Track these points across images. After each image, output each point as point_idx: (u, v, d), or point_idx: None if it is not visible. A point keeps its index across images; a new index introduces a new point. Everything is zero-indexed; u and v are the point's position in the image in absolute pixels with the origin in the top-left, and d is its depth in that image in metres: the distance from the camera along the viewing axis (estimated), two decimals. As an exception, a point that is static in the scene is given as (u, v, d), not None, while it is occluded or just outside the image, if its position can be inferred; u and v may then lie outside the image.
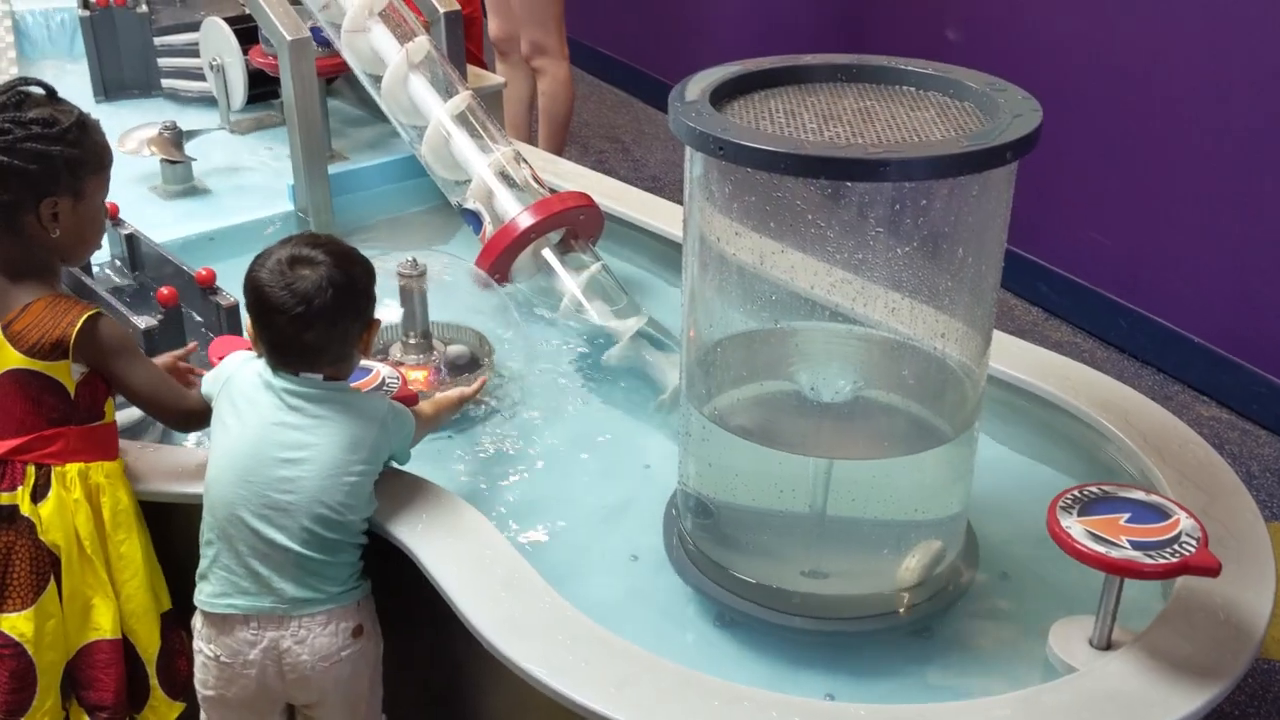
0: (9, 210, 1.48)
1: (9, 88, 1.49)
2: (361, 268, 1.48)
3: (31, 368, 1.47)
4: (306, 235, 1.49)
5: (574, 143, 4.51)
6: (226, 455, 1.46)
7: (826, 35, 4.24)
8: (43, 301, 1.49)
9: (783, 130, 1.32)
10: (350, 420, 1.46)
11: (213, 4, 3.19)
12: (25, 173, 1.45)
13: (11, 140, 1.44)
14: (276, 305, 1.41)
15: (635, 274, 2.35)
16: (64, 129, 1.47)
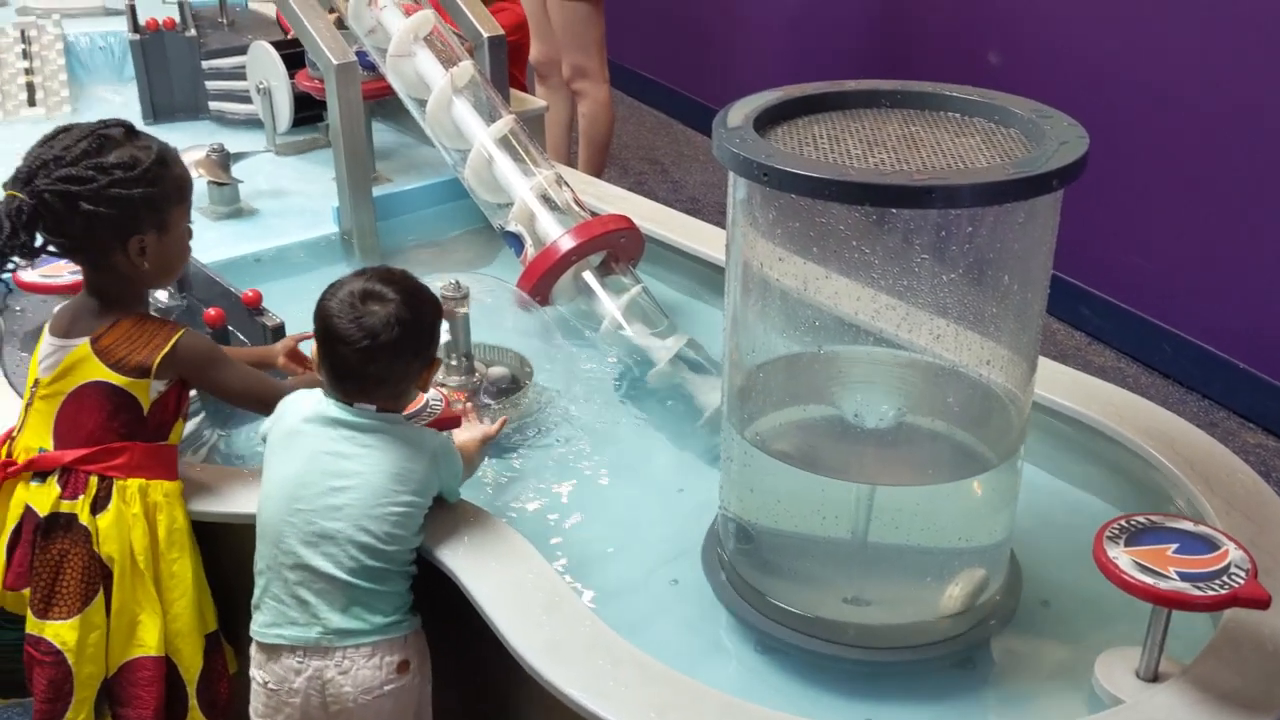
0: (98, 251, 1.54)
1: (90, 132, 1.52)
2: (430, 306, 1.52)
3: (114, 382, 1.52)
4: (381, 270, 1.52)
5: (613, 164, 4.54)
6: (277, 484, 1.49)
7: (866, 59, 4.24)
8: (130, 320, 1.55)
9: (827, 156, 1.33)
10: (399, 451, 1.47)
11: (260, 28, 3.25)
12: (112, 217, 1.50)
13: (96, 188, 1.48)
14: (343, 336, 1.45)
15: (675, 296, 2.36)
16: (145, 169, 1.51)
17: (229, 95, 3.13)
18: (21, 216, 1.47)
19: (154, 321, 1.58)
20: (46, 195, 1.47)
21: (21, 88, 3.25)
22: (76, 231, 1.51)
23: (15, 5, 3.72)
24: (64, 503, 1.53)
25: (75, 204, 1.48)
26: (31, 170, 1.49)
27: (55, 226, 1.50)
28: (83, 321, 1.56)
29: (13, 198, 1.48)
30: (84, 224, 1.49)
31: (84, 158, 1.49)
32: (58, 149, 1.50)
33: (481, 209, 2.43)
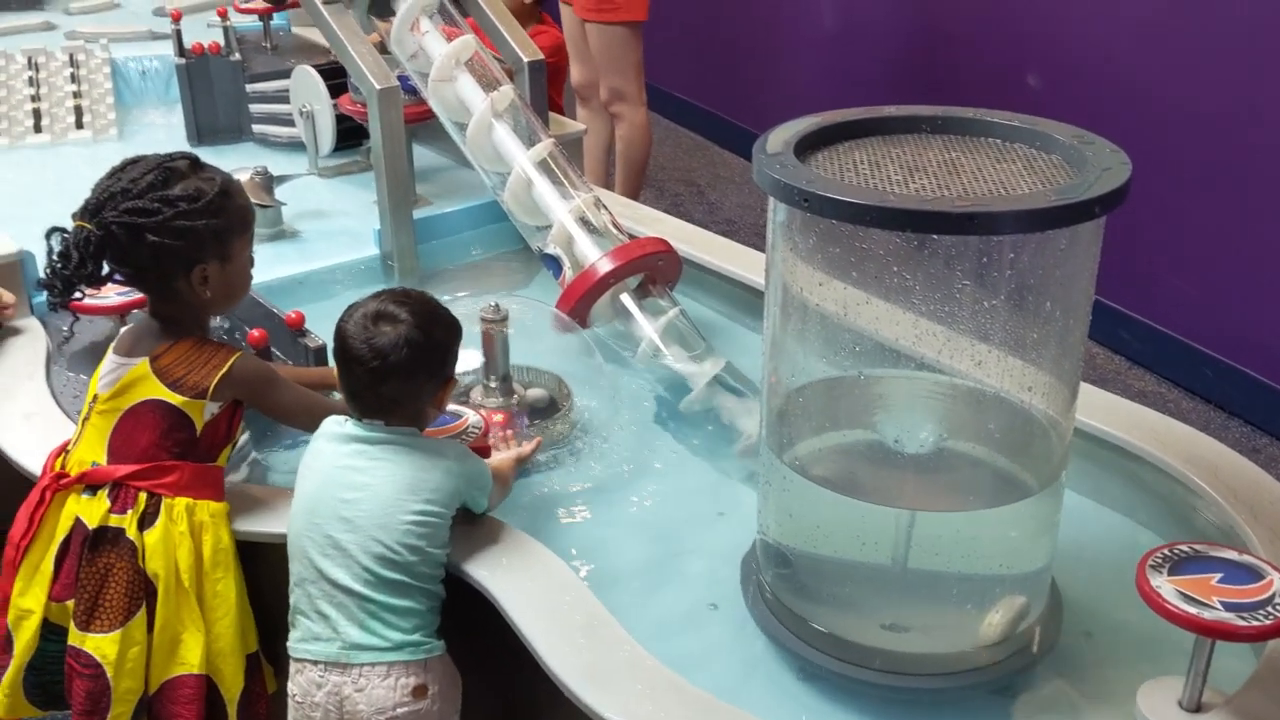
0: (162, 279, 1.59)
1: (156, 165, 1.58)
2: (442, 327, 1.54)
3: (170, 401, 1.56)
4: (397, 292, 1.55)
5: (650, 186, 4.56)
6: (299, 500, 1.53)
7: (904, 82, 4.24)
8: (189, 342, 1.60)
9: (867, 182, 1.33)
10: (411, 461, 1.50)
11: (303, 53, 3.29)
12: (176, 247, 1.55)
13: (161, 220, 1.53)
14: (356, 357, 1.49)
15: (713, 319, 2.36)
16: (208, 200, 1.56)
17: (272, 118, 3.17)
18: (89, 247, 1.54)
19: (212, 344, 1.62)
20: (113, 226, 1.53)
21: (70, 110, 3.31)
22: (142, 261, 1.56)
23: (64, 30, 3.79)
24: (113, 517, 1.56)
25: (140, 235, 1.53)
26: (100, 202, 1.55)
27: (121, 256, 1.56)
28: (144, 342, 1.61)
29: (81, 228, 1.54)
30: (149, 254, 1.55)
31: (149, 190, 1.55)
32: (125, 181, 1.55)
33: (520, 231, 2.44)
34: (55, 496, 1.59)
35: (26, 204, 2.81)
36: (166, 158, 1.61)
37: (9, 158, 3.15)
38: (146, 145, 3.23)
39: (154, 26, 3.76)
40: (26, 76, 3.36)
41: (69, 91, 3.34)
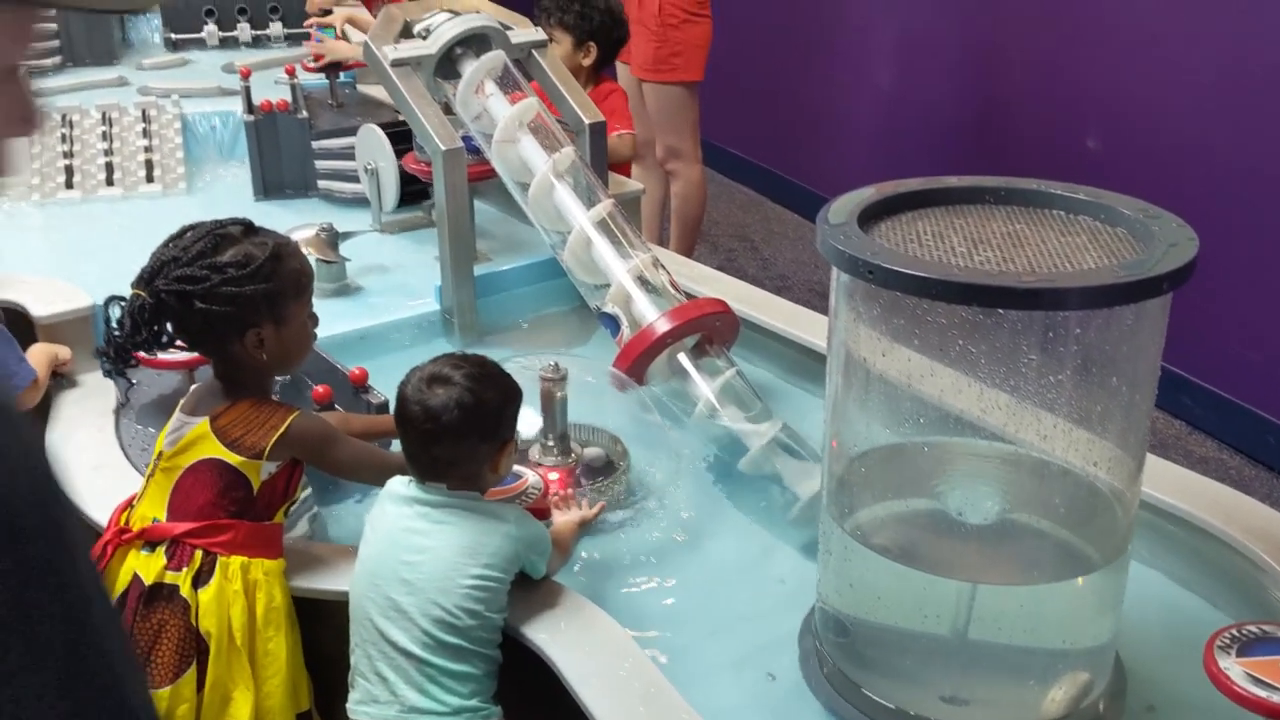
0: (217, 344, 1.63)
1: (208, 232, 1.62)
2: (495, 390, 1.55)
3: (228, 460, 1.59)
4: (456, 355, 1.58)
5: (703, 241, 4.59)
6: (362, 561, 1.55)
7: (959, 141, 4.25)
8: (248, 402, 1.62)
9: (931, 254, 1.34)
10: (471, 525, 1.51)
11: (369, 111, 3.36)
12: (225, 314, 1.58)
13: (208, 287, 1.57)
14: (410, 418, 1.52)
15: (769, 380, 2.36)
16: (257, 266, 1.59)
17: (337, 174, 3.24)
18: (144, 314, 1.59)
19: (270, 404, 1.65)
20: (164, 294, 1.58)
21: (141, 164, 3.39)
22: (195, 327, 1.61)
23: (137, 85, 3.89)
24: (168, 573, 1.58)
25: (190, 302, 1.57)
26: (154, 270, 1.60)
27: (176, 322, 1.61)
28: (206, 401, 1.64)
29: (137, 296, 1.60)
30: (201, 320, 1.59)
31: (199, 258, 1.59)
32: (177, 249, 1.60)
33: (579, 289, 2.47)
34: (117, 551, 1.62)
35: (98, 257, 2.88)
36: (219, 224, 1.64)
37: (81, 210, 3.24)
38: (214, 199, 3.33)
39: (223, 83, 3.85)
40: (100, 131, 3.45)
41: (140, 146, 3.43)
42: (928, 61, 4.39)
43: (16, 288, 2.30)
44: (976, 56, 4.17)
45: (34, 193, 3.26)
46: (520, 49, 2.67)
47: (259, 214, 3.09)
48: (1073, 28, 3.69)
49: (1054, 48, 3.78)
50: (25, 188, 3.26)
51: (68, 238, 3.06)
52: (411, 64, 2.52)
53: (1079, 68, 3.68)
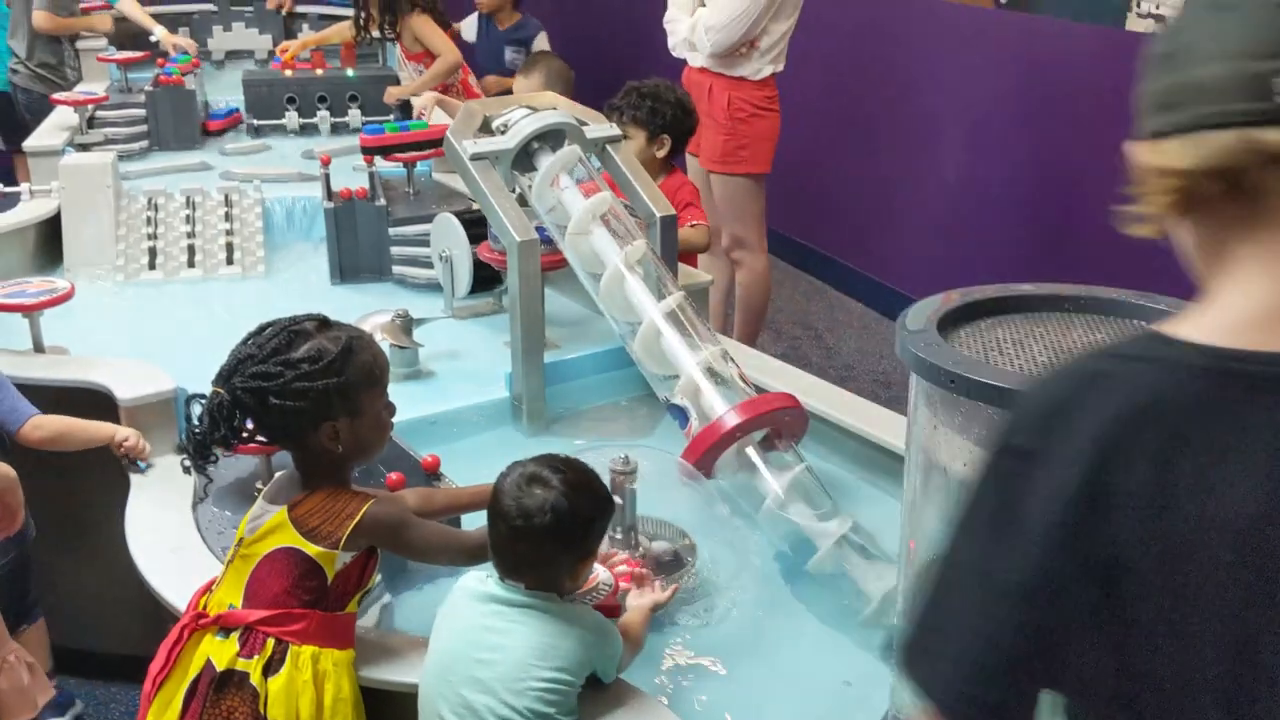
0: (293, 437, 1.67)
1: (283, 328, 1.67)
2: (590, 501, 1.57)
3: (304, 549, 1.61)
4: (558, 458, 1.59)
5: (767, 329, 4.60)
6: (434, 655, 1.56)
7: (1024, 233, 4.25)
8: (325, 491, 1.65)
9: (1013, 363, 1.34)
10: (546, 627, 1.51)
11: (444, 199, 3.44)
12: (300, 408, 1.62)
13: (282, 383, 1.61)
14: (502, 512, 1.54)
15: (839, 476, 2.35)
16: (330, 361, 1.63)
17: (412, 260, 3.31)
18: (223, 411, 1.63)
19: (346, 493, 1.67)
20: (240, 391, 1.62)
21: (222, 247, 3.49)
22: (272, 422, 1.65)
23: (219, 169, 4.02)
24: (240, 661, 1.60)
25: (265, 398, 1.62)
26: (231, 368, 1.65)
27: (253, 418, 1.65)
28: (286, 490, 1.68)
29: (216, 393, 1.64)
30: (277, 415, 1.63)
31: (274, 354, 1.63)
32: (252, 346, 1.65)
33: (648, 379, 2.49)
34: (192, 635, 1.65)
35: (178, 338, 2.96)
36: (294, 320, 1.69)
37: (163, 291, 3.33)
38: (292, 282, 3.42)
39: (303, 168, 3.97)
40: (184, 214, 3.56)
41: (221, 229, 3.53)
42: (993, 152, 4.41)
43: (101, 369, 2.36)
44: (1042, 147, 4.18)
45: (118, 273, 3.37)
46: (595, 143, 2.73)
47: (335, 298, 3.21)
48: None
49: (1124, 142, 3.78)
50: (110, 268, 3.37)
51: (150, 318, 3.15)
52: (490, 158, 2.59)
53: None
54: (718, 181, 3.96)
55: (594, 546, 1.59)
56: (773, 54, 3.82)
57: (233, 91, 4.71)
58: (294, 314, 1.71)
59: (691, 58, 3.95)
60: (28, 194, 3.50)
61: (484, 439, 2.53)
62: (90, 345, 2.78)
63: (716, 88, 3.86)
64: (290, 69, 4.69)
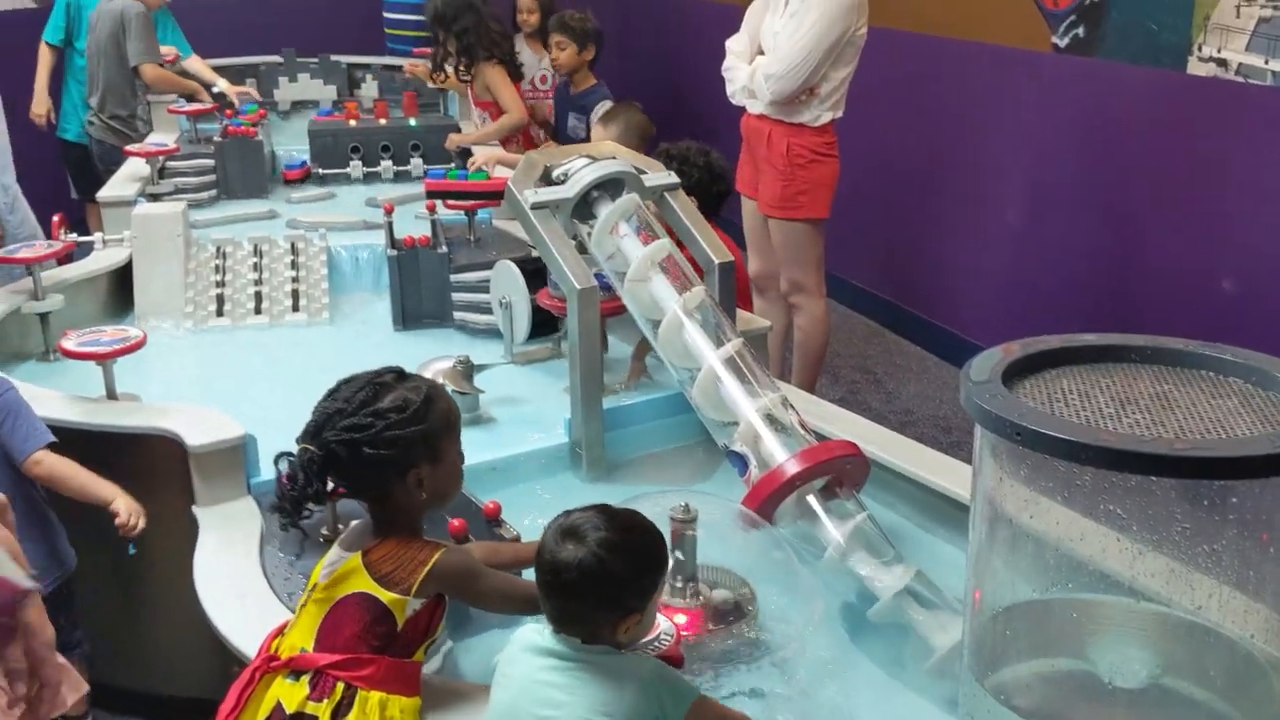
0: (380, 487, 1.70)
1: (366, 382, 1.71)
2: (627, 563, 1.52)
3: (376, 595, 1.64)
4: (603, 513, 1.57)
5: (825, 372, 4.58)
6: (495, 708, 1.56)
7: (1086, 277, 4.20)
8: (398, 538, 1.69)
9: (1079, 414, 1.33)
10: (605, 682, 1.50)
11: (504, 247, 3.48)
12: (390, 457, 1.66)
13: (374, 434, 1.65)
14: (539, 564, 1.55)
15: (901, 525, 2.33)
16: (415, 409, 1.68)
17: (471, 306, 3.35)
18: (314, 466, 1.66)
19: (419, 541, 1.70)
20: (333, 445, 1.65)
21: (288, 295, 3.56)
22: (362, 473, 1.67)
23: (286, 218, 4.11)
24: (309, 704, 1.62)
25: (359, 449, 1.65)
26: (320, 424, 1.68)
27: (343, 471, 1.68)
28: (361, 537, 1.71)
29: (305, 450, 1.67)
30: (370, 465, 1.66)
31: (362, 407, 1.67)
32: (339, 401, 1.69)
33: (707, 426, 2.49)
34: (263, 678, 1.67)
35: (247, 384, 3.02)
36: (375, 374, 1.74)
37: (231, 338, 3.40)
38: (355, 329, 3.47)
39: (367, 216, 4.04)
40: (251, 262, 3.64)
41: (288, 277, 3.60)
42: (1053, 196, 4.38)
43: (172, 416, 2.41)
44: (1103, 192, 4.15)
45: (187, 320, 3.44)
46: (653, 191, 2.76)
47: (397, 344, 3.25)
48: (1215, 176, 3.65)
49: (1190, 193, 3.75)
50: (180, 315, 3.45)
51: (218, 364, 3.22)
52: (550, 206, 2.62)
53: (1218, 218, 3.63)
54: (776, 226, 3.97)
55: (639, 604, 1.54)
56: (832, 100, 3.83)
57: (298, 141, 4.82)
58: (370, 368, 1.76)
59: (750, 104, 3.97)
60: (101, 243, 3.60)
61: (544, 485, 2.54)
62: (160, 391, 2.84)
63: (776, 134, 3.88)
64: (354, 119, 4.79)
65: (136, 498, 2.27)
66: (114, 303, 3.51)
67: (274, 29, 6.69)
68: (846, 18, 3.76)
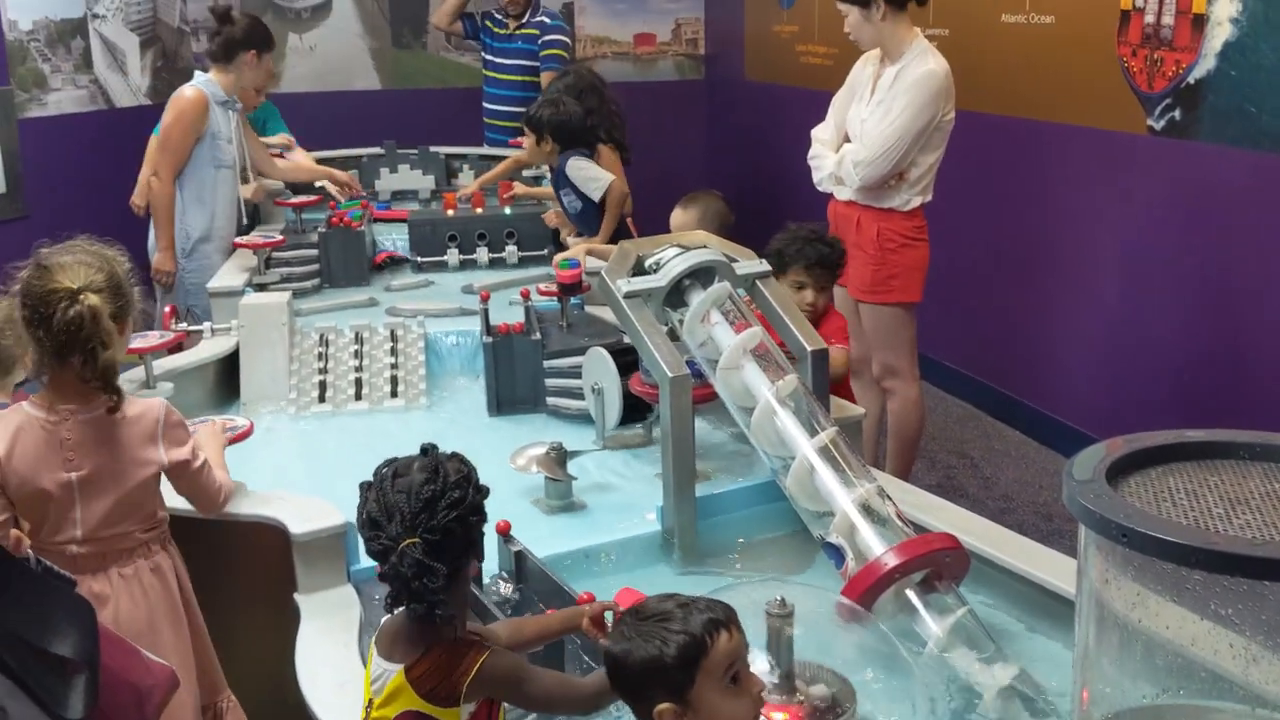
0: (466, 562, 1.68)
1: (429, 461, 1.67)
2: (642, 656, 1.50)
3: (427, 711, 1.61)
4: (681, 600, 1.56)
5: (921, 457, 4.52)
6: None
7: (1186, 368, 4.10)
8: (442, 646, 1.63)
9: (1187, 515, 1.29)
10: None
11: (595, 330, 3.52)
12: (481, 525, 1.68)
13: (471, 502, 1.65)
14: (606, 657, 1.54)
15: (1003, 621, 2.28)
16: (472, 477, 1.69)
17: (564, 391, 3.39)
18: (429, 555, 1.59)
19: (462, 645, 1.64)
20: (449, 524, 1.61)
21: (387, 380, 3.64)
22: (468, 546, 1.67)
23: (385, 305, 4.21)
24: None
25: (467, 521, 1.64)
26: (416, 511, 1.60)
27: (452, 551, 1.62)
28: (401, 646, 1.65)
29: (412, 544, 1.59)
30: (473, 535, 1.67)
31: (448, 481, 1.63)
32: (429, 487, 1.62)
33: (802, 516, 2.47)
34: None
35: (346, 469, 3.05)
36: (424, 452, 1.69)
37: (331, 423, 3.48)
38: (451, 414, 3.53)
39: (464, 303, 4.13)
40: (352, 349, 3.73)
41: (387, 363, 3.68)
42: (1152, 281, 4.31)
43: (276, 505, 2.46)
44: (1205, 277, 4.06)
45: (291, 406, 3.53)
46: (745, 279, 2.78)
47: (492, 429, 3.29)
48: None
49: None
50: (283, 402, 3.55)
51: (319, 450, 3.29)
52: (643, 295, 2.66)
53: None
54: (867, 311, 3.96)
55: (687, 696, 1.48)
56: (921, 185, 3.84)
57: (399, 230, 4.95)
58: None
59: (838, 191, 4.00)
60: (209, 332, 3.73)
61: (638, 576, 2.54)
62: (263, 477, 2.91)
63: (865, 219, 3.89)
64: (452, 209, 4.92)
65: (237, 583, 2.32)
66: (220, 390, 3.62)
67: (378, 120, 6.95)
68: (935, 104, 3.77)
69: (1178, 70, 4.09)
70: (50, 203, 6.34)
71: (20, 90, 6.47)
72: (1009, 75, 5.06)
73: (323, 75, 8.37)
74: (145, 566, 2.30)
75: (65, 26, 6.84)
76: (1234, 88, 3.88)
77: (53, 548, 2.19)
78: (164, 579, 2.32)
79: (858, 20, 3.87)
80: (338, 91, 8.32)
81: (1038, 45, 4.89)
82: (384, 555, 1.61)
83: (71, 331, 2.12)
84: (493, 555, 2.33)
